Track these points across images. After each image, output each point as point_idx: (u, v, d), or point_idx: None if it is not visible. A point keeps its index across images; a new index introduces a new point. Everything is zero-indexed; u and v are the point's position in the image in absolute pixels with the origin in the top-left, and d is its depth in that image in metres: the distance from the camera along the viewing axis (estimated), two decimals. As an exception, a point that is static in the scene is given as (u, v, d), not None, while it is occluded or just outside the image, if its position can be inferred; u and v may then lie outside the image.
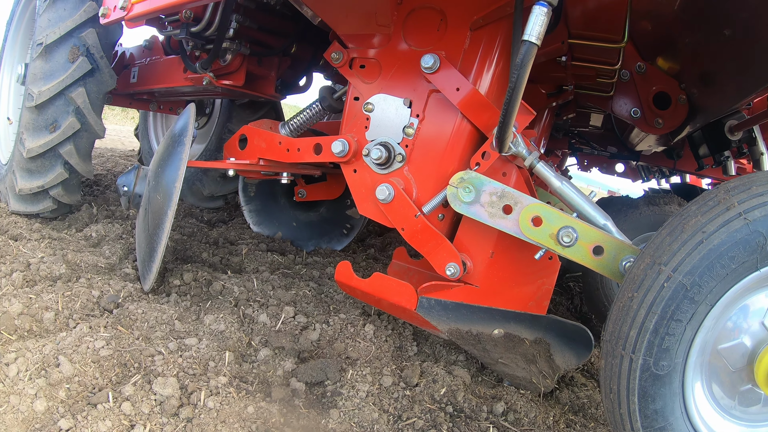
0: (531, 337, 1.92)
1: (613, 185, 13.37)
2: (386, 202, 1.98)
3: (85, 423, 1.40)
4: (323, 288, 2.68)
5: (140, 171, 2.63)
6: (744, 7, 1.81)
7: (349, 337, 2.18)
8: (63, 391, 1.50)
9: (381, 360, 2.09)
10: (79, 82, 2.77)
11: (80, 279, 2.27)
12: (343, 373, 1.96)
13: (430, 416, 1.81)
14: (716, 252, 1.30)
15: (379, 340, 2.20)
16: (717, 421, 1.45)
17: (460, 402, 1.95)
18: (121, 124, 13.22)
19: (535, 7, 1.43)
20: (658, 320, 1.33)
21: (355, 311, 2.42)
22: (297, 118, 2.70)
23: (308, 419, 1.67)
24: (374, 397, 1.86)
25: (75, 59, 2.75)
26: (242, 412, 1.58)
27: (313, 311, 2.37)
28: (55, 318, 1.92)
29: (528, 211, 1.72)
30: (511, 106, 1.56)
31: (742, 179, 1.40)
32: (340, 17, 2.08)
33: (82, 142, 2.91)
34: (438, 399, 1.94)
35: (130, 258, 2.66)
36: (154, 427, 1.45)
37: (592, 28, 2.15)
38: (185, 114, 2.43)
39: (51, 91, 2.72)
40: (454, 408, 1.93)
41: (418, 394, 1.94)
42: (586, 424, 2.04)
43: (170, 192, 2.20)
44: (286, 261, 3.06)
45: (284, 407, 1.70)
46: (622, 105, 2.72)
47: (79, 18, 2.74)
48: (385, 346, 2.17)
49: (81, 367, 1.61)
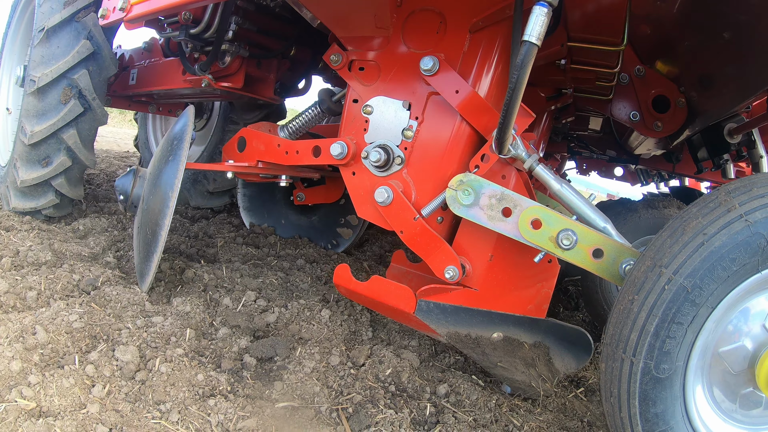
0: (530, 341, 1.91)
1: (612, 189, 13.36)
2: (385, 205, 1.97)
3: (51, 379, 1.57)
4: (290, 278, 2.77)
5: (138, 173, 2.62)
6: (743, 10, 1.81)
7: (304, 320, 2.27)
8: (37, 355, 1.68)
9: (332, 341, 2.18)
10: (71, 124, 2.79)
11: (63, 265, 2.39)
12: (292, 350, 2.06)
13: (370, 393, 1.89)
14: (717, 254, 1.29)
15: (333, 324, 2.29)
16: (718, 424, 1.45)
17: (404, 382, 2.01)
18: (118, 126, 13.28)
19: (535, 7, 1.42)
20: (658, 323, 1.32)
21: (315, 297, 2.51)
22: (296, 120, 2.69)
23: (253, 389, 1.78)
24: (319, 373, 1.94)
25: (67, 101, 2.75)
26: (192, 379, 1.71)
27: (276, 297, 2.48)
28: (38, 297, 2.07)
29: (527, 213, 1.72)
30: (510, 107, 1.56)
31: (742, 181, 1.40)
32: (339, 19, 2.08)
33: (73, 173, 2.94)
34: (382, 378, 2.01)
35: (113, 249, 2.78)
36: (111, 387, 1.62)
37: (591, 31, 2.14)
38: (184, 116, 2.42)
39: (44, 133, 2.74)
40: (396, 387, 1.99)
41: (363, 373, 2.01)
42: (531, 410, 2.05)
43: (168, 194, 2.18)
44: (260, 253, 3.17)
45: (232, 377, 1.83)
46: (621, 108, 2.73)
47: (72, 60, 2.73)
48: (339, 329, 2.26)
49: (55, 336, 1.77)
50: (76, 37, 2.74)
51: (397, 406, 1.84)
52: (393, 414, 1.77)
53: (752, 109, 3.07)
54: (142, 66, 3.71)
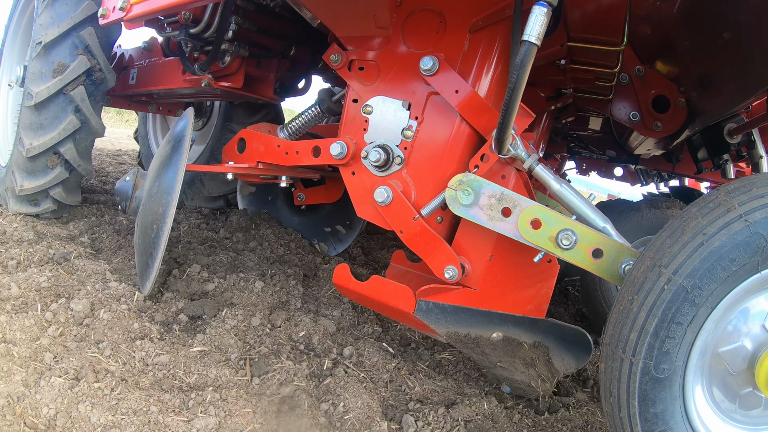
0: (530, 341, 1.91)
1: (613, 189, 13.34)
2: (384, 205, 1.97)
3: (16, 320, 1.96)
4: (240, 257, 2.99)
5: (138, 175, 2.62)
6: (743, 10, 1.81)
7: (238, 290, 2.52)
8: (9, 305, 2.07)
9: (257, 307, 2.42)
10: (69, 138, 2.84)
11: (42, 242, 2.70)
12: (219, 311, 2.31)
13: (277, 348, 2.15)
14: (717, 254, 1.29)
15: (264, 294, 2.53)
16: (717, 424, 1.44)
17: (314, 343, 2.25)
18: (116, 126, 13.36)
19: (535, 7, 1.42)
20: (658, 323, 1.32)
21: (253, 273, 2.73)
22: (295, 121, 2.69)
23: (178, 338, 2.11)
24: (238, 330, 2.19)
25: (65, 117, 2.79)
26: (129, 326, 2.06)
27: (220, 271, 2.73)
28: (17, 265, 2.44)
29: (527, 213, 1.71)
30: (510, 106, 1.55)
31: (742, 181, 1.40)
32: (338, 19, 2.08)
33: (70, 183, 2.98)
34: (295, 339, 2.26)
35: (89, 232, 3.10)
36: (64, 329, 2.00)
37: (591, 31, 2.14)
38: (184, 118, 2.41)
39: (42, 147, 2.80)
40: (306, 347, 2.23)
41: (277, 333, 2.26)
42: (433, 376, 2.21)
43: (169, 197, 2.18)
44: (218, 237, 3.38)
45: (163, 328, 2.16)
46: (621, 108, 2.72)
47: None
48: (269, 299, 2.51)
49: (25, 292, 2.15)
50: (73, 51, 2.77)
51: (297, 360, 2.10)
52: (291, 365, 2.02)
53: (752, 109, 3.07)
54: (142, 66, 3.71)
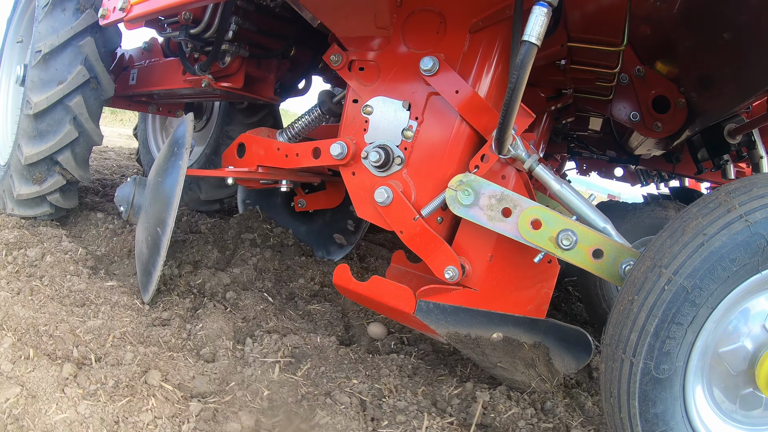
0: (530, 341, 1.91)
1: (613, 189, 13.35)
2: (385, 205, 1.97)
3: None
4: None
5: (138, 181, 2.61)
6: (743, 11, 1.81)
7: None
8: None
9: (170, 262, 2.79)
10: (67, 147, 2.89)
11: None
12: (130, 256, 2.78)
13: (174, 288, 2.60)
14: (717, 254, 1.29)
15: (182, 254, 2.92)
16: (718, 424, 1.44)
17: (206, 289, 2.63)
18: (110, 125, 13.52)
19: (535, 7, 1.42)
20: (658, 323, 1.32)
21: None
22: (295, 124, 2.69)
23: (101, 278, 2.58)
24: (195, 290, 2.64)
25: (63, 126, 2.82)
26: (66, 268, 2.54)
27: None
28: None
29: (527, 214, 1.71)
30: (510, 107, 1.55)
31: (742, 181, 1.40)
32: (339, 19, 2.08)
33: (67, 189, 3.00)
34: (192, 285, 2.67)
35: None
36: (18, 269, 2.51)
37: (591, 31, 2.14)
38: (183, 123, 2.41)
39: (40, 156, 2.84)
40: (198, 291, 2.63)
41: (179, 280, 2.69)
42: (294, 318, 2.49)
43: (169, 202, 2.18)
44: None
45: (92, 271, 2.61)
46: (621, 109, 2.72)
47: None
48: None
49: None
50: (72, 61, 2.79)
51: (184, 297, 2.52)
52: (178, 299, 2.48)
53: (752, 110, 3.07)
54: (142, 66, 3.71)
